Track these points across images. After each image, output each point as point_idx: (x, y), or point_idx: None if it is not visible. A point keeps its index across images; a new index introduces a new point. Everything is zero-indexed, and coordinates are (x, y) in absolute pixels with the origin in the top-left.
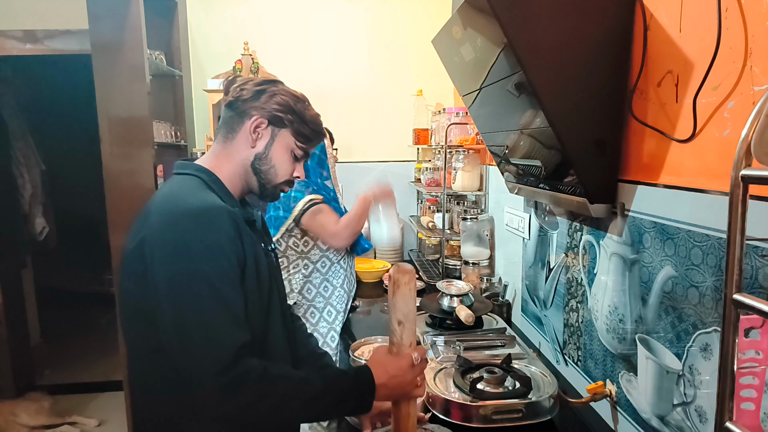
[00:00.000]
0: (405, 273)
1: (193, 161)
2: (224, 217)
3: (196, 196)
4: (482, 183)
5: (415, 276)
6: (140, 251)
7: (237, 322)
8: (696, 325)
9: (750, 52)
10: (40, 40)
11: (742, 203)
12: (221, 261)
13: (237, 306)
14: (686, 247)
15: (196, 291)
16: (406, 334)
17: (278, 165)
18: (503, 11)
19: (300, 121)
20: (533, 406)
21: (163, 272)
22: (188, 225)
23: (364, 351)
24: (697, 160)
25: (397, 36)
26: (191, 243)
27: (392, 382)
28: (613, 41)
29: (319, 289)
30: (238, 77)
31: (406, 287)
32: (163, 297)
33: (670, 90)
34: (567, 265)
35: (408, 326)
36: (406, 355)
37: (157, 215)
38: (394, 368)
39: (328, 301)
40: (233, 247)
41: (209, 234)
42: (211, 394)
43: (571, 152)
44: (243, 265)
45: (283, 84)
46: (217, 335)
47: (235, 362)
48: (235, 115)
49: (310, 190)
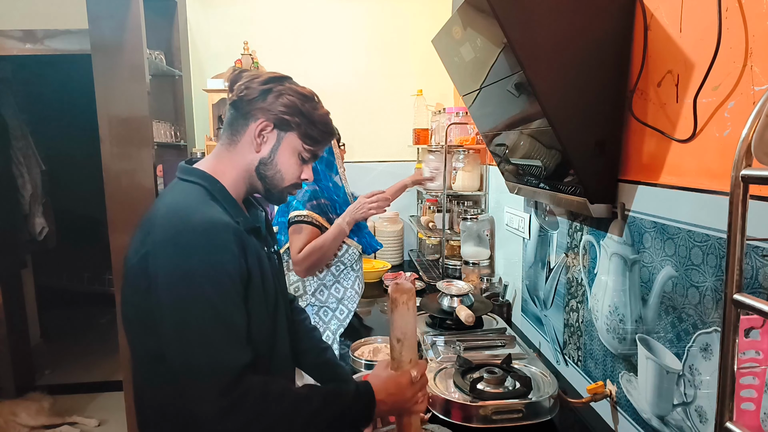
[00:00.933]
0: (403, 292)
1: (195, 162)
2: (228, 234)
3: (199, 211)
4: (482, 183)
5: (414, 294)
6: (143, 266)
7: (239, 343)
8: (696, 325)
9: (750, 52)
10: (40, 40)
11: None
12: (224, 281)
13: (239, 326)
14: (686, 247)
15: (198, 312)
16: (405, 351)
17: (284, 169)
18: (503, 11)
19: (308, 123)
20: (533, 407)
21: (165, 291)
22: (191, 244)
23: (364, 351)
24: (698, 160)
25: (397, 35)
26: (193, 262)
27: (391, 399)
28: (614, 41)
29: (331, 290)
30: (244, 72)
31: (404, 306)
32: (165, 315)
33: (670, 90)
34: (567, 265)
35: (407, 343)
36: (405, 372)
37: (160, 230)
38: (393, 386)
39: (340, 302)
40: (236, 266)
41: (212, 254)
42: (213, 411)
43: (572, 152)
44: (247, 281)
45: (291, 80)
46: (219, 357)
47: (237, 383)
48: (239, 116)
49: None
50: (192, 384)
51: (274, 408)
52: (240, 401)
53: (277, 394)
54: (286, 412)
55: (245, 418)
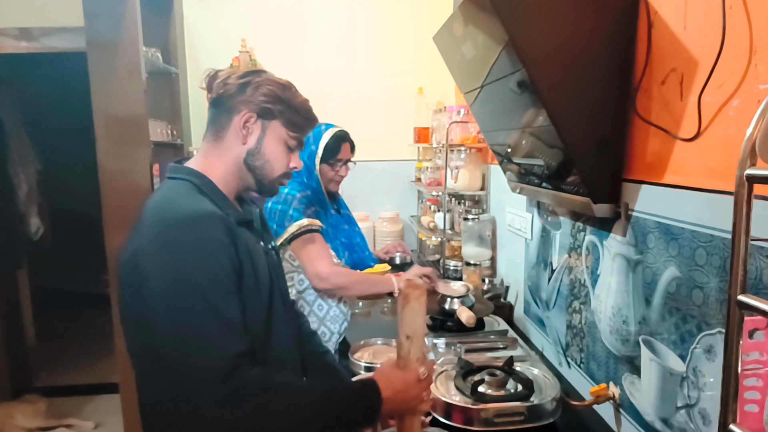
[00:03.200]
0: (415, 288)
1: (184, 163)
2: (216, 224)
3: (186, 204)
4: (484, 182)
5: (425, 291)
6: (134, 263)
7: (233, 331)
8: (700, 327)
9: (755, 50)
10: (36, 38)
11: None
12: (214, 270)
13: (232, 315)
14: (690, 248)
15: (190, 302)
16: (413, 349)
17: (272, 159)
18: (504, 8)
19: (290, 110)
20: (535, 409)
21: (156, 284)
22: (179, 234)
23: (363, 354)
24: (702, 159)
25: (397, 33)
26: (183, 253)
27: (398, 397)
28: (617, 38)
29: (313, 307)
30: (219, 72)
31: (415, 302)
32: (157, 309)
33: (674, 88)
34: (570, 266)
35: (416, 341)
36: (413, 370)
37: (148, 225)
38: (400, 383)
39: (322, 322)
40: (226, 255)
41: (201, 243)
42: (210, 405)
43: (574, 151)
44: (239, 271)
45: (267, 73)
46: (213, 345)
47: (233, 372)
48: (221, 112)
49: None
50: (189, 376)
51: (276, 400)
52: (240, 392)
53: (278, 387)
54: (288, 405)
55: (247, 410)
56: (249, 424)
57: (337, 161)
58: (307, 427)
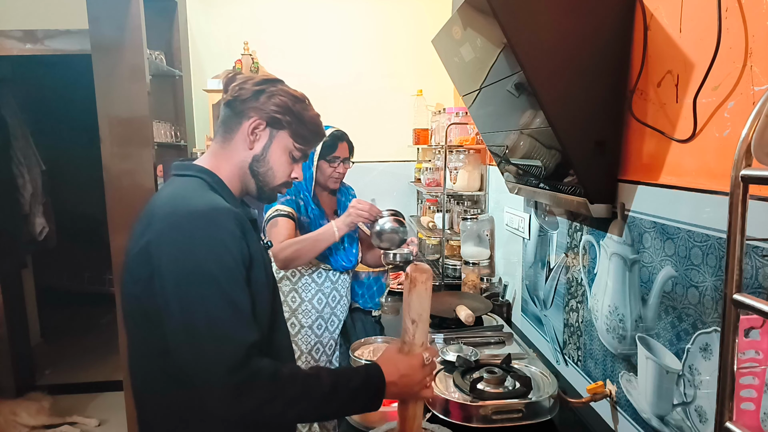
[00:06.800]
0: (423, 272)
1: (191, 162)
2: (229, 218)
3: (200, 198)
4: (482, 183)
5: (432, 276)
6: (145, 255)
7: (245, 321)
8: (696, 325)
9: (750, 52)
10: (40, 40)
11: (742, 203)
12: (228, 261)
13: (245, 306)
14: (686, 247)
15: (204, 291)
16: (418, 334)
17: (276, 167)
18: (503, 11)
19: (299, 123)
20: (533, 406)
21: (169, 274)
22: (193, 226)
23: (364, 351)
24: (697, 160)
25: (397, 36)
26: (197, 244)
27: (402, 381)
28: (613, 41)
29: (287, 298)
30: (239, 75)
31: (422, 286)
32: (170, 299)
33: (670, 90)
34: (567, 265)
35: (421, 326)
36: (418, 355)
37: (161, 218)
38: (405, 366)
39: (293, 313)
40: (239, 248)
41: (215, 235)
42: (224, 393)
43: (571, 152)
44: (249, 264)
45: (283, 83)
46: (227, 334)
47: (246, 361)
48: (233, 114)
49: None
50: (200, 367)
51: (286, 390)
52: (251, 382)
53: (288, 376)
54: (298, 394)
55: (258, 400)
56: (260, 413)
57: (334, 158)
58: (316, 413)
